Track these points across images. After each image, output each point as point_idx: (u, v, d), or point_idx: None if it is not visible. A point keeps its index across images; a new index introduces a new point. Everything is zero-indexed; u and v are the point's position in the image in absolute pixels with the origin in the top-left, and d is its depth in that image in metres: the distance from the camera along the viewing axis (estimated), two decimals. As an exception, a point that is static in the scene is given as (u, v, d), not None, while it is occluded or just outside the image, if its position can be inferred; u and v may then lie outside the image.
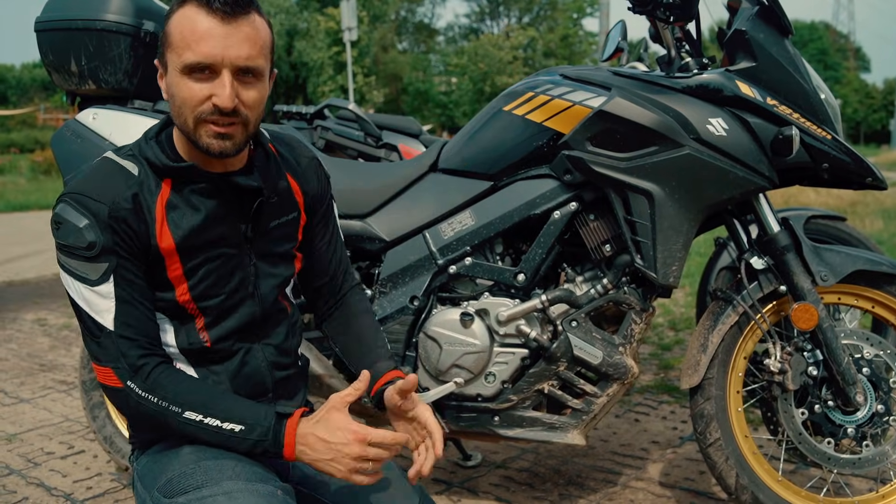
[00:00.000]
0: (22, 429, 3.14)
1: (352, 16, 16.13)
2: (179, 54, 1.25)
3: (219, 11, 1.23)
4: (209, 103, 1.26)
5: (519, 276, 2.06)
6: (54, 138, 2.27)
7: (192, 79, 1.26)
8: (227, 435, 1.30)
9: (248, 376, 1.44)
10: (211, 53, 1.24)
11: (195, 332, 1.40)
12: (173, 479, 1.30)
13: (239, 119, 1.28)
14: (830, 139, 1.94)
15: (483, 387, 2.08)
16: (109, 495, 2.51)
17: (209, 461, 1.30)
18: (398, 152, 3.90)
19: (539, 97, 2.04)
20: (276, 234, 1.47)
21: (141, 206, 1.31)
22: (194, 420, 1.29)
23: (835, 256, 2.01)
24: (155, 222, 1.32)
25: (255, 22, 1.28)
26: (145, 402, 1.30)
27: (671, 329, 4.51)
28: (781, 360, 1.99)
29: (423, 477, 1.44)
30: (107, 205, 1.28)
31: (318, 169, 1.58)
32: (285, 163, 1.50)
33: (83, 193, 1.29)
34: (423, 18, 56.39)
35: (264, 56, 1.30)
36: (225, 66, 1.25)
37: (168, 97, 1.31)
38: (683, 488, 2.46)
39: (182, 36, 1.25)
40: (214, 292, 1.38)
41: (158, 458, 1.38)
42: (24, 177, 18.89)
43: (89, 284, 1.28)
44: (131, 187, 1.31)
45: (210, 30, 1.24)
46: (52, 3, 2.26)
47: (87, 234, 1.27)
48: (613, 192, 1.98)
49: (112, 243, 1.28)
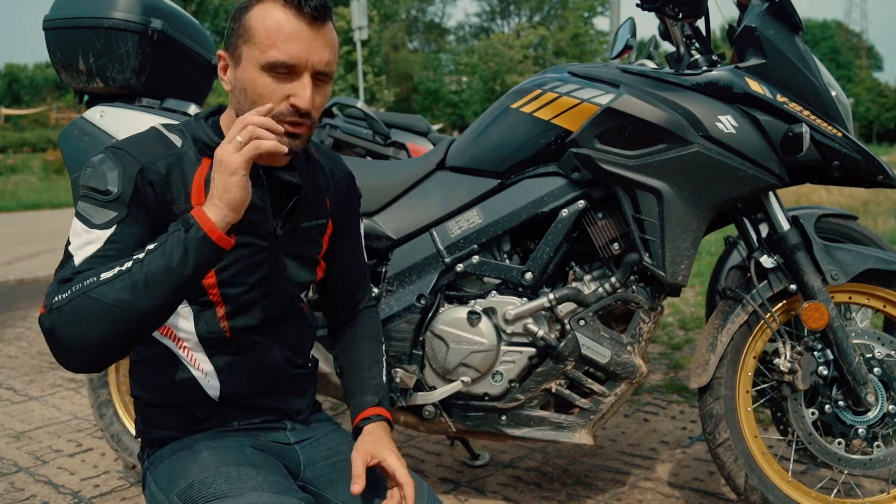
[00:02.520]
0: (30, 426, 3.15)
1: (362, 15, 16.14)
2: (263, 50, 1.28)
3: (308, 15, 1.28)
4: (286, 103, 1.30)
5: (526, 274, 2.05)
6: (62, 136, 2.27)
7: (270, 76, 1.29)
8: (146, 258, 1.16)
9: (264, 371, 1.46)
10: (298, 55, 1.28)
11: (215, 321, 1.41)
12: (193, 484, 1.28)
13: (309, 120, 1.33)
14: (841, 136, 1.92)
15: (490, 386, 2.07)
16: (117, 493, 2.51)
17: (230, 468, 1.29)
18: (406, 150, 3.89)
19: (547, 94, 2.03)
20: (305, 236, 1.50)
21: (175, 175, 1.33)
22: (109, 276, 1.15)
23: (846, 255, 1.99)
24: (191, 194, 1.33)
25: (333, 30, 1.35)
26: (64, 305, 1.15)
27: (681, 328, 4.49)
28: (791, 360, 1.98)
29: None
30: (140, 163, 1.30)
31: (351, 184, 1.64)
32: (322, 171, 1.55)
33: (122, 148, 1.32)
34: (434, 18, 56.47)
35: (336, 61, 1.36)
36: (307, 69, 1.30)
37: (237, 90, 1.34)
38: (692, 488, 2.44)
39: (268, 33, 1.28)
40: (239, 280, 1.39)
41: (175, 460, 1.37)
42: (37, 176, 19.01)
43: (88, 226, 1.26)
44: (170, 156, 1.34)
45: (298, 32, 1.28)
46: (60, 2, 2.26)
47: (111, 181, 1.28)
48: (622, 189, 1.97)
49: (129, 199, 1.28)
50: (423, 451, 2.80)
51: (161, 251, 1.16)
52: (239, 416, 1.46)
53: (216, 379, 1.43)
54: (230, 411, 1.45)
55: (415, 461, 2.69)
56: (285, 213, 1.43)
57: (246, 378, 1.44)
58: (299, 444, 1.51)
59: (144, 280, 1.14)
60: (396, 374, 2.08)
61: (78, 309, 1.15)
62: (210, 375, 1.43)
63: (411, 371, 2.08)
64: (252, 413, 1.47)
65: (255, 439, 1.45)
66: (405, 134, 4.00)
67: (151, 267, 1.15)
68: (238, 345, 1.43)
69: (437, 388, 2.09)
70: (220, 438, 1.42)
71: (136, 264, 1.16)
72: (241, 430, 1.46)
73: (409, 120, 4.09)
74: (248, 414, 1.47)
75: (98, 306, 1.14)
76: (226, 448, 1.37)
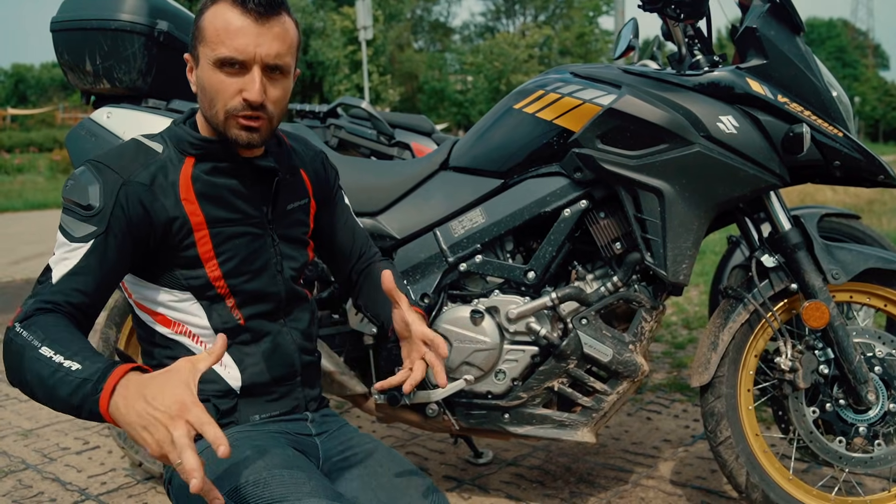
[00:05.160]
0: (38, 425, 3.18)
1: (367, 15, 16.16)
2: (213, 48, 1.32)
3: (253, 11, 1.32)
4: (239, 98, 1.34)
5: (529, 273, 2.07)
6: (69, 137, 2.30)
7: (223, 72, 1.33)
8: (64, 371, 1.11)
9: (280, 357, 1.48)
10: (244, 49, 1.31)
11: (228, 311, 1.43)
12: (245, 485, 1.27)
13: (265, 114, 1.36)
14: (842, 137, 1.93)
15: (493, 384, 2.09)
16: (123, 490, 2.53)
17: (281, 471, 1.29)
18: (410, 150, 3.91)
19: (549, 95, 2.04)
20: (293, 218, 1.54)
21: (160, 180, 1.36)
22: (45, 356, 1.13)
23: (847, 254, 2.00)
24: (180, 195, 1.37)
25: (285, 22, 1.37)
26: (16, 338, 1.17)
27: (685, 327, 4.50)
28: (792, 359, 1.99)
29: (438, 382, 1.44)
30: (122, 177, 1.32)
31: (325, 161, 1.68)
32: (296, 153, 1.59)
33: (103, 162, 1.34)
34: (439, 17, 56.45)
35: (291, 54, 1.38)
36: (256, 63, 1.33)
37: (198, 89, 1.39)
38: (695, 487, 2.45)
39: (216, 31, 1.32)
40: (243, 270, 1.42)
41: (214, 457, 1.34)
42: (43, 175, 19.07)
43: (68, 239, 1.28)
44: (151, 165, 1.37)
45: (244, 27, 1.31)
46: (67, 4, 2.29)
47: (92, 196, 1.30)
48: (624, 189, 1.98)
49: (110, 214, 1.30)
50: (426, 449, 2.82)
51: (73, 381, 1.10)
52: (260, 409, 1.47)
53: (236, 369, 1.44)
54: (251, 403, 1.46)
55: (418, 459, 2.71)
56: (271, 197, 1.47)
57: (264, 366, 1.46)
58: (319, 437, 1.52)
59: (52, 389, 1.12)
60: (400, 373, 2.09)
61: (14, 357, 1.17)
62: (229, 366, 1.44)
63: None
64: (271, 405, 1.49)
65: (285, 434, 1.45)
66: (409, 134, 4.01)
67: (59, 388, 1.11)
68: (253, 333, 1.46)
69: (440, 386, 2.10)
70: (256, 436, 1.41)
71: (60, 370, 1.11)
72: (264, 423, 1.47)
73: (413, 120, 4.11)
74: (268, 406, 1.48)
75: (23, 369, 1.16)
76: (268, 448, 1.36)
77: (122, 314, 2.49)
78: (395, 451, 1.52)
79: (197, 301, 1.42)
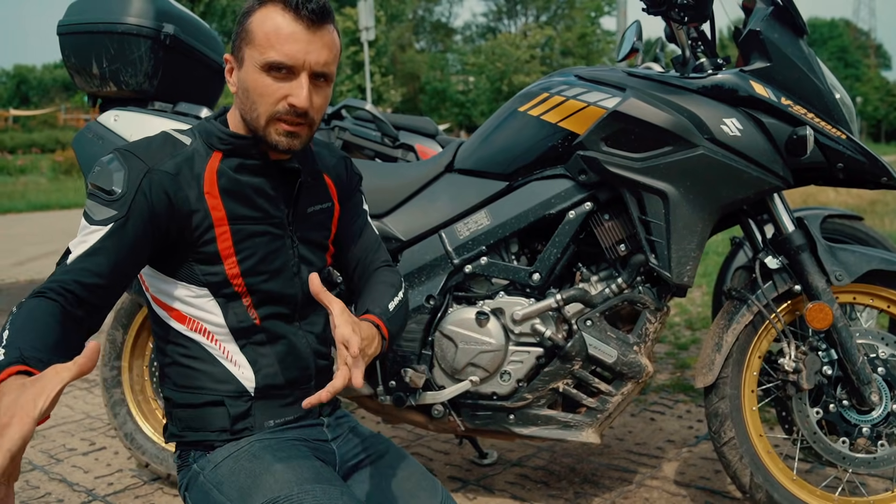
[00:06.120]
0: (44, 426, 3.19)
1: (369, 15, 16.17)
2: (262, 52, 1.33)
3: (306, 18, 1.33)
4: (284, 102, 1.35)
5: (534, 275, 2.08)
6: (76, 140, 2.31)
7: (270, 76, 1.34)
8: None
9: (294, 360, 1.48)
10: (294, 55, 1.33)
11: (244, 310, 1.43)
12: (278, 501, 1.28)
13: (307, 120, 1.38)
14: (845, 139, 1.94)
15: (498, 385, 2.10)
16: (130, 491, 2.55)
17: (313, 486, 1.29)
18: (415, 152, 3.92)
19: (554, 98, 2.05)
20: (314, 221, 1.54)
21: (186, 171, 1.37)
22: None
23: (850, 256, 2.01)
24: (204, 189, 1.37)
25: (332, 31, 1.38)
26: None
27: (688, 328, 4.51)
28: (796, 360, 2.00)
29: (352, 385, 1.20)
30: (147, 165, 1.34)
31: (349, 166, 1.68)
32: (319, 157, 1.60)
33: (131, 150, 1.36)
34: (441, 18, 56.47)
35: (336, 63, 1.41)
36: (304, 69, 1.34)
37: (239, 90, 1.40)
38: (699, 487, 2.46)
39: (266, 35, 1.33)
40: (261, 269, 1.42)
41: (238, 469, 1.36)
42: (46, 176, 19.09)
43: (89, 222, 1.30)
44: (178, 156, 1.38)
45: (295, 33, 1.33)
46: (73, 7, 2.30)
47: (116, 181, 1.31)
48: (628, 192, 1.99)
49: (132, 200, 1.30)
50: (431, 449, 2.83)
51: None
52: (274, 414, 1.46)
53: (250, 370, 1.44)
54: (265, 407, 1.45)
55: (424, 460, 2.72)
56: (293, 198, 1.48)
57: (278, 368, 1.45)
58: (334, 441, 1.52)
59: None
60: (406, 374, 2.10)
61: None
62: (244, 367, 1.44)
63: (420, 371, 2.11)
64: (286, 409, 1.47)
65: (304, 442, 1.45)
66: (413, 136, 4.03)
67: None
68: (268, 333, 1.45)
69: (445, 387, 2.12)
70: (278, 446, 1.41)
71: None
72: (279, 429, 1.46)
73: (418, 122, 4.12)
74: (282, 411, 1.47)
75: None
76: (295, 460, 1.36)
77: (129, 316, 2.50)
78: (406, 453, 1.53)
79: (213, 298, 1.41)
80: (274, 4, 1.34)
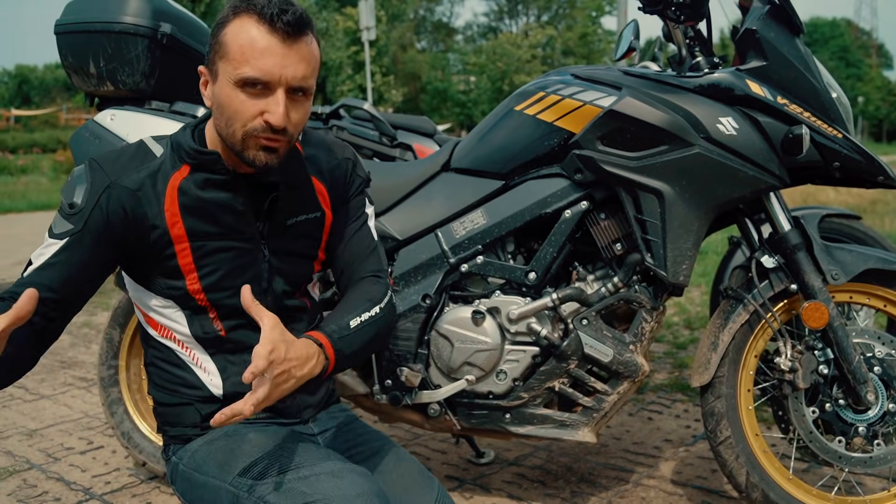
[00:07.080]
0: (42, 424, 3.19)
1: (370, 15, 16.16)
2: (235, 67, 1.26)
3: (281, 31, 1.25)
4: (260, 119, 1.28)
5: (530, 274, 2.08)
6: (73, 139, 2.31)
7: (244, 92, 1.27)
8: None
9: None
10: (270, 71, 1.26)
11: (209, 322, 1.42)
12: (257, 461, 1.29)
13: (286, 136, 1.31)
14: (841, 138, 1.94)
15: (494, 384, 2.10)
16: (127, 490, 2.55)
17: (290, 444, 1.31)
18: (413, 152, 3.92)
19: (550, 97, 2.05)
20: (295, 232, 1.48)
21: (147, 188, 1.34)
22: None
23: (846, 255, 2.01)
24: (164, 205, 1.34)
25: (311, 43, 1.31)
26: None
27: (686, 328, 4.51)
28: (792, 359, 2.00)
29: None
30: (110, 179, 1.32)
31: (352, 168, 1.58)
32: (311, 163, 1.52)
33: (99, 162, 1.35)
34: (442, 17, 56.47)
35: (315, 76, 1.33)
36: (280, 85, 1.27)
37: (214, 105, 1.33)
38: (695, 486, 2.46)
39: (240, 49, 1.26)
40: (225, 284, 1.40)
41: (213, 449, 1.37)
42: (47, 176, 19.07)
43: (49, 235, 1.31)
44: (143, 170, 1.35)
45: (270, 47, 1.25)
46: (71, 6, 2.30)
47: (77, 194, 1.31)
48: (624, 191, 1.99)
49: (88, 215, 1.30)
50: (428, 448, 2.83)
51: None
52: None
53: (219, 377, 1.44)
54: None
55: (420, 459, 2.72)
56: (265, 212, 1.42)
57: None
58: (321, 436, 1.52)
59: None
60: (402, 373, 2.10)
61: None
62: (212, 374, 1.44)
63: (416, 370, 2.11)
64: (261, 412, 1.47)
65: (283, 426, 1.46)
66: (411, 135, 4.02)
67: None
68: (236, 344, 1.43)
69: (441, 386, 2.12)
70: (255, 426, 1.42)
71: None
72: (263, 423, 1.46)
73: (416, 121, 4.12)
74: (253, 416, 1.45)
75: None
76: (271, 429, 1.38)
77: (126, 315, 2.50)
78: (403, 450, 1.51)
79: (180, 309, 1.42)
80: (248, 15, 1.26)
